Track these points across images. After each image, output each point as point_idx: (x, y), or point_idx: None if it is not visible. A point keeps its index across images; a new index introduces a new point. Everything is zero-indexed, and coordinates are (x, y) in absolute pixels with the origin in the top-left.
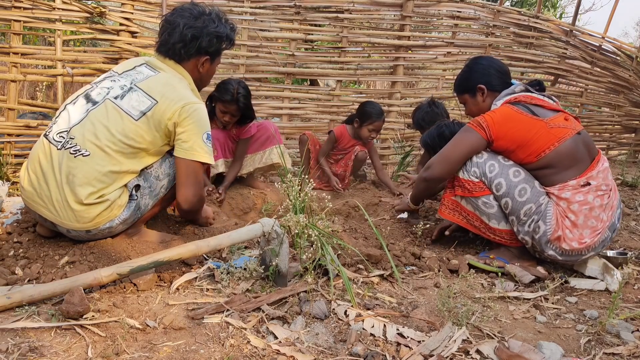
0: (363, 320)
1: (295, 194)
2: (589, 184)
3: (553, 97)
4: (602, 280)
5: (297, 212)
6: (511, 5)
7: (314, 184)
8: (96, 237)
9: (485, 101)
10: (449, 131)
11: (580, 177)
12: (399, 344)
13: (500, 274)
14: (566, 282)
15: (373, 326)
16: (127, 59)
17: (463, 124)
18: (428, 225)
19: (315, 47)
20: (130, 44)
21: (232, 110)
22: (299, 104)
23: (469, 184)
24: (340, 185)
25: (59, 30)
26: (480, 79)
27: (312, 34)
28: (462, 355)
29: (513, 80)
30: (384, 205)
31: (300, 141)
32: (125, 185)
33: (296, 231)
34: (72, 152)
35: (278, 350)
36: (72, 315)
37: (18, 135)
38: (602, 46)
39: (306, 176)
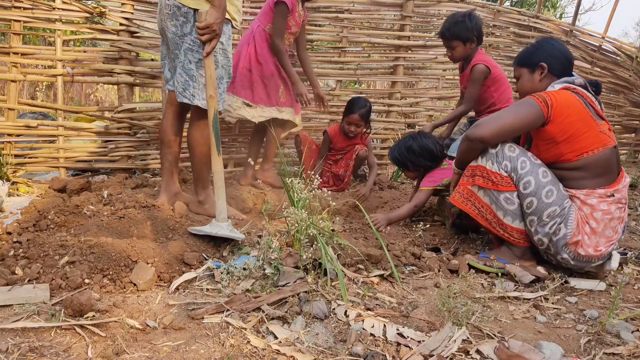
0: (363, 320)
1: (297, 189)
2: (614, 195)
3: (602, 103)
4: (605, 274)
5: (298, 207)
6: (511, 5)
7: (319, 183)
8: None
9: (542, 81)
10: (417, 145)
11: (609, 188)
12: (399, 344)
13: (500, 273)
14: (566, 282)
15: (373, 326)
16: (127, 59)
17: (429, 135)
18: (428, 226)
19: (315, 47)
20: (130, 44)
21: None
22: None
23: (496, 177)
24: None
25: (59, 30)
26: (546, 57)
27: (312, 34)
28: (462, 355)
29: (573, 73)
30: (384, 206)
31: (295, 143)
32: None
33: (296, 228)
34: None
35: (278, 350)
36: (75, 310)
37: (18, 135)
38: (602, 46)
39: (304, 177)
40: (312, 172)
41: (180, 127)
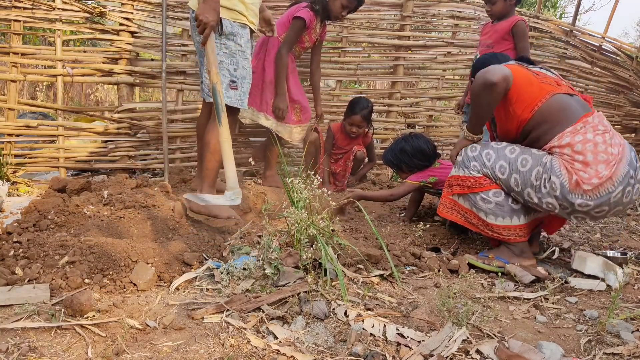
0: (363, 320)
1: (297, 189)
2: (584, 126)
3: (552, 70)
4: (602, 279)
5: (298, 207)
6: None
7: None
8: None
9: None
10: (410, 146)
11: (576, 124)
12: (399, 344)
13: (500, 274)
14: (566, 282)
15: (373, 326)
16: (127, 59)
17: (421, 136)
18: (428, 225)
19: None
20: (130, 44)
21: None
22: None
23: (469, 181)
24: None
25: (59, 30)
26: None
27: None
28: (462, 355)
29: None
30: (384, 206)
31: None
32: None
33: (296, 228)
34: None
35: (278, 350)
36: (75, 310)
37: (18, 135)
38: (602, 46)
39: (311, 173)
40: (319, 166)
41: None
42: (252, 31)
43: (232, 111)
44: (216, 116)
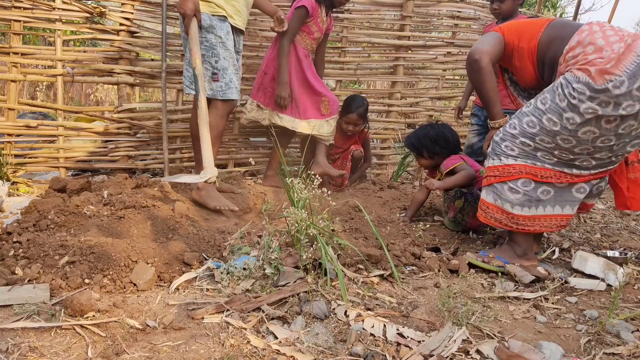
0: (363, 320)
1: (297, 189)
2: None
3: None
4: (602, 279)
5: (298, 207)
6: None
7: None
8: None
9: None
10: (435, 132)
11: (582, 28)
12: (399, 344)
13: (500, 273)
14: (566, 282)
15: (373, 326)
16: (127, 59)
17: (447, 125)
18: (428, 226)
19: None
20: (130, 44)
21: None
22: None
23: (497, 170)
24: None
25: (59, 30)
26: None
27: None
28: (462, 355)
29: None
30: (384, 206)
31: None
32: None
33: (296, 228)
34: None
35: (278, 350)
36: (75, 310)
37: (18, 135)
38: None
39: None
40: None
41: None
42: (239, 30)
43: (222, 104)
44: (197, 99)
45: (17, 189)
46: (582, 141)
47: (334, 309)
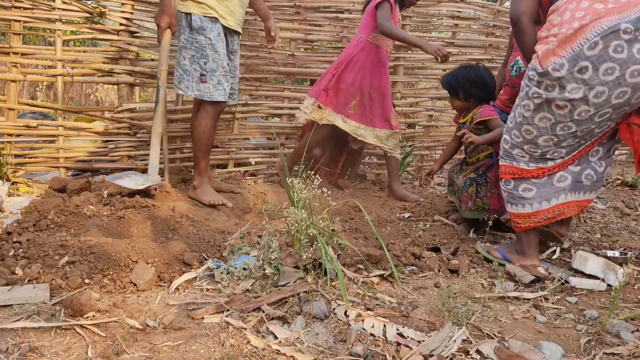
0: (363, 320)
1: (297, 189)
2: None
3: None
4: (602, 279)
5: (298, 207)
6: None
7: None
8: None
9: None
10: (474, 74)
11: None
12: (399, 344)
13: (500, 273)
14: (566, 282)
15: (373, 326)
16: (127, 59)
17: (487, 69)
18: (428, 226)
19: (315, 47)
20: (130, 44)
21: None
22: (299, 104)
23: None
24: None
25: (59, 30)
26: None
27: (312, 34)
28: (462, 355)
29: None
30: (384, 206)
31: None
32: None
33: (296, 228)
34: None
35: (278, 350)
36: (75, 310)
37: (18, 135)
38: None
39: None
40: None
41: None
42: (233, 30)
43: (211, 105)
44: (156, 109)
45: (17, 189)
46: (542, 129)
47: (334, 309)
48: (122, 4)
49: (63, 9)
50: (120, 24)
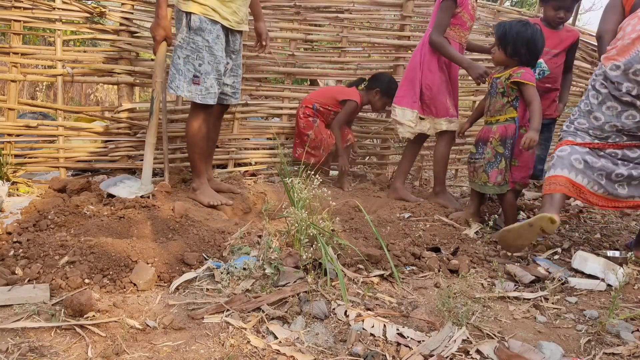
0: (363, 320)
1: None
2: None
3: None
4: (602, 279)
5: (298, 207)
6: (511, 6)
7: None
8: None
9: None
10: (530, 34)
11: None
12: (399, 344)
13: (500, 273)
14: (566, 282)
15: (373, 326)
16: (127, 59)
17: (542, 32)
18: (428, 226)
19: (315, 47)
20: (130, 44)
21: None
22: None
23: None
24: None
25: (59, 30)
26: None
27: (312, 34)
28: (462, 355)
29: None
30: (384, 206)
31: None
32: None
33: (296, 228)
34: None
35: (278, 350)
36: (75, 310)
37: (18, 135)
38: None
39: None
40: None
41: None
42: (236, 30)
43: (202, 108)
44: (150, 119)
45: (17, 189)
46: (607, 117)
47: (334, 309)
48: (122, 4)
49: (63, 9)
50: (120, 24)
